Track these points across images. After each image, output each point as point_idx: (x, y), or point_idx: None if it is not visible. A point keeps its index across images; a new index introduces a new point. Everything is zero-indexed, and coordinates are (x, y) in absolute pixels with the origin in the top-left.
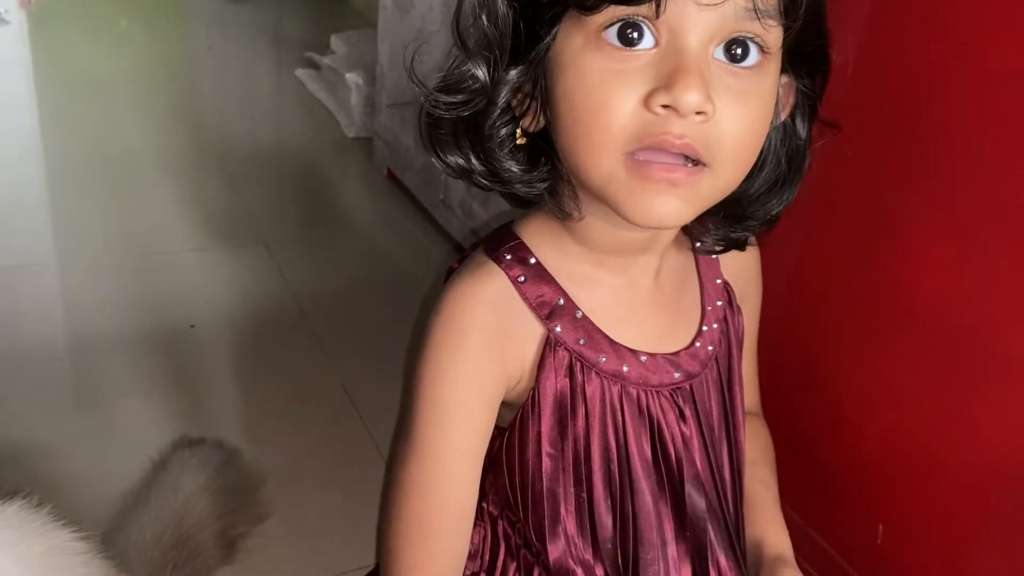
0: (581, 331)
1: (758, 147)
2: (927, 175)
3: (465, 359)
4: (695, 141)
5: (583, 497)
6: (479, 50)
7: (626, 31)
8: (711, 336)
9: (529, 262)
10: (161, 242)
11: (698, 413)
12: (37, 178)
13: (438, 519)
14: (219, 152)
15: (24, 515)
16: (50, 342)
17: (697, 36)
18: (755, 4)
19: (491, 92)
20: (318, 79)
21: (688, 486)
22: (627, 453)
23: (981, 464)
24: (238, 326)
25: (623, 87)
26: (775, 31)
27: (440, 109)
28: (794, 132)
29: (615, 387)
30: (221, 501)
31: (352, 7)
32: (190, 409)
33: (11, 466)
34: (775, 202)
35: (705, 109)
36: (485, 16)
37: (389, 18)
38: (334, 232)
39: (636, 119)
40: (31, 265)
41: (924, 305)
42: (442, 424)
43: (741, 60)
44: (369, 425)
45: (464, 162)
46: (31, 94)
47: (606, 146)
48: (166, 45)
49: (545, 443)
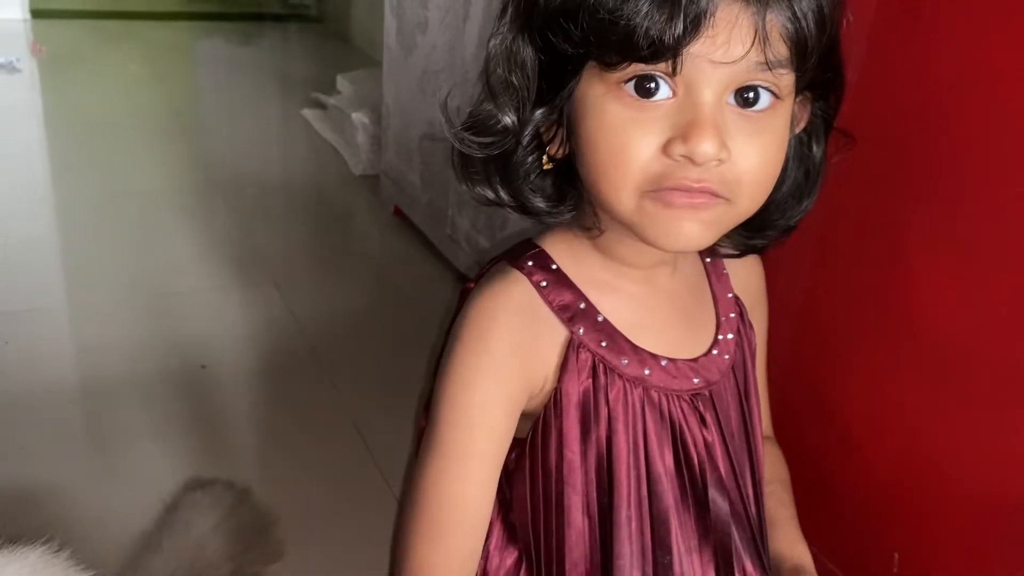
0: (603, 334)
1: (774, 178)
2: (934, 198)
3: (490, 364)
4: (712, 182)
5: (604, 502)
6: (507, 97)
7: (644, 84)
8: (727, 346)
9: (551, 268)
10: (171, 283)
11: (719, 420)
12: (49, 222)
13: (453, 519)
14: (228, 192)
15: (46, 560)
16: (62, 384)
17: (712, 89)
18: (766, 58)
19: (518, 134)
20: (324, 119)
21: (712, 491)
22: (648, 457)
23: (996, 488)
24: (249, 365)
25: (642, 133)
26: (787, 77)
27: (469, 148)
28: (809, 147)
29: (637, 390)
30: (233, 541)
31: (357, 47)
32: (201, 449)
33: (24, 508)
34: (794, 211)
35: (721, 157)
36: (512, 65)
37: (393, 58)
38: (343, 269)
39: (655, 163)
40: (43, 309)
41: (933, 329)
42: (465, 428)
43: (753, 104)
44: (380, 462)
45: (494, 195)
46: (42, 140)
47: (627, 186)
48: (174, 88)
49: (567, 444)
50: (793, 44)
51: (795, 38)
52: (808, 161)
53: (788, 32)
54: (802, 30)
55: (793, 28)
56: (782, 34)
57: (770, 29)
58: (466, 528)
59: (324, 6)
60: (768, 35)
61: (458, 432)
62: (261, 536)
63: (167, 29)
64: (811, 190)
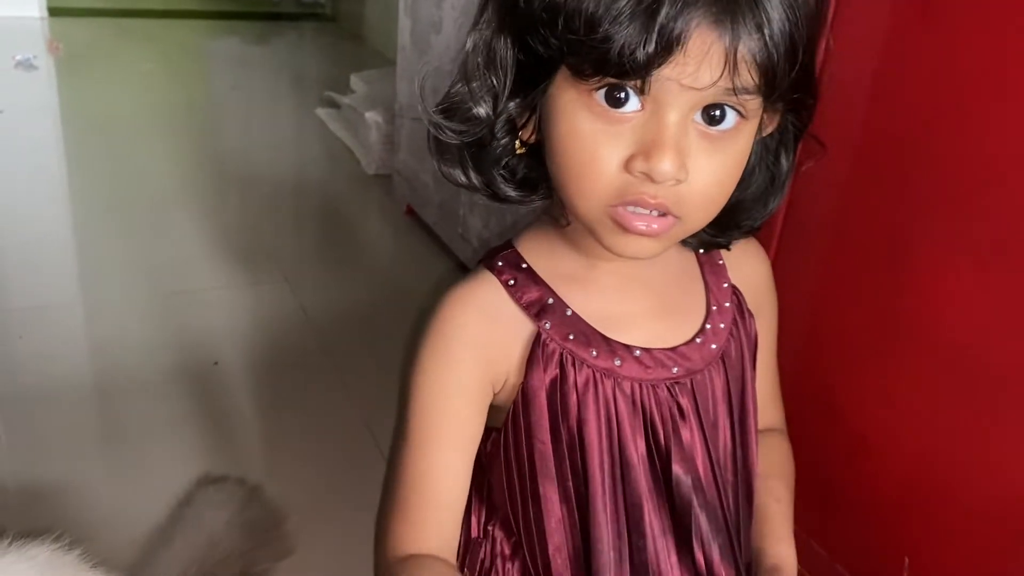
0: (571, 327)
1: (727, 195)
2: (945, 203)
3: (449, 365)
4: (668, 200)
5: (581, 489)
6: (482, 89)
7: (615, 93)
8: (717, 335)
9: (520, 267)
10: (185, 280)
11: (698, 409)
12: (63, 219)
13: (424, 500)
14: (241, 191)
15: (56, 558)
16: (75, 380)
17: (678, 111)
18: (734, 84)
19: (492, 125)
20: (338, 118)
21: (676, 477)
22: (622, 445)
23: (1007, 493)
24: (261, 363)
25: (609, 147)
26: (754, 101)
27: (445, 134)
28: (776, 155)
29: (608, 381)
30: (244, 537)
31: (371, 47)
32: (213, 446)
33: (36, 504)
34: (760, 213)
35: (679, 177)
36: (489, 59)
37: (407, 57)
38: (355, 268)
39: (617, 178)
40: (57, 305)
41: (945, 332)
42: (427, 415)
43: (719, 123)
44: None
45: (466, 180)
46: (58, 137)
47: (592, 197)
48: (189, 87)
49: (537, 434)
50: (762, 74)
51: (764, 68)
52: (775, 168)
53: (758, 62)
54: (772, 62)
55: (763, 58)
56: (751, 64)
57: (740, 58)
58: (437, 506)
59: (338, 6)
60: (737, 65)
61: (421, 418)
62: (272, 532)
63: (183, 28)
64: (777, 194)
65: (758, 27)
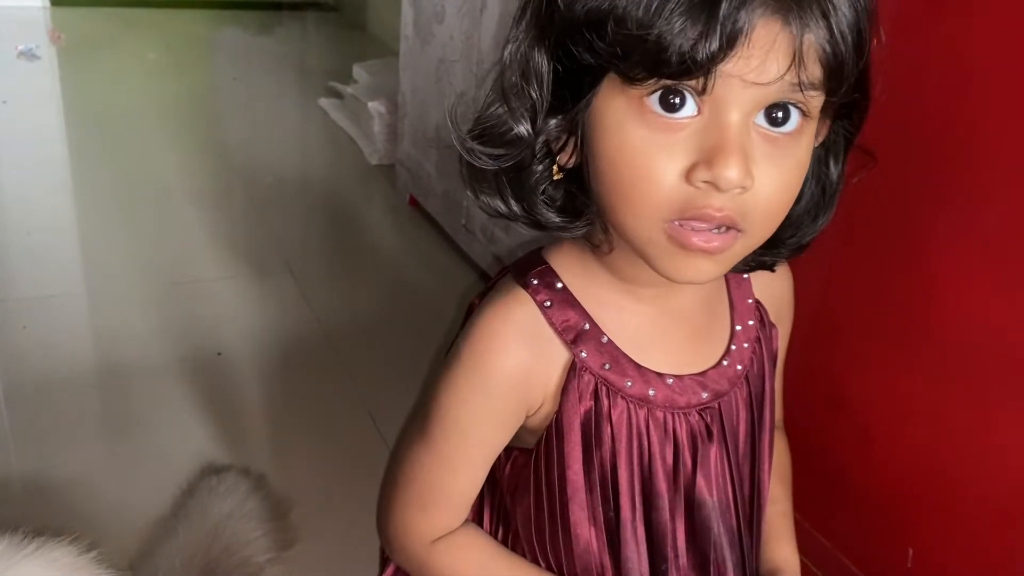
0: (607, 356)
1: (790, 204)
2: (953, 196)
3: (487, 397)
4: (734, 212)
5: (611, 514)
6: (520, 105)
7: (669, 98)
8: (741, 355)
9: (556, 287)
10: (188, 271)
11: (724, 432)
12: (67, 209)
13: (439, 498)
14: (245, 181)
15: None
16: (79, 370)
17: (741, 110)
18: (800, 79)
19: (532, 144)
20: (341, 108)
21: (700, 500)
22: (651, 474)
23: (1013, 486)
24: (264, 353)
25: (666, 159)
26: (817, 99)
27: (479, 160)
28: (827, 164)
29: (641, 411)
30: (248, 528)
31: (374, 37)
32: (217, 436)
33: (41, 493)
34: (808, 230)
35: (745, 184)
36: (528, 72)
37: (410, 48)
38: (358, 258)
39: (677, 191)
40: (61, 295)
41: (952, 326)
42: (457, 435)
43: (782, 124)
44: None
45: (506, 209)
46: (61, 127)
47: (649, 215)
48: (192, 77)
49: (570, 465)
50: (829, 66)
51: (831, 60)
52: (825, 179)
53: (825, 54)
54: (840, 53)
55: (831, 50)
56: (819, 56)
57: (807, 50)
58: (458, 504)
59: None
60: (804, 56)
61: (450, 436)
62: (276, 523)
63: (185, 18)
64: (827, 208)
65: (824, 15)
